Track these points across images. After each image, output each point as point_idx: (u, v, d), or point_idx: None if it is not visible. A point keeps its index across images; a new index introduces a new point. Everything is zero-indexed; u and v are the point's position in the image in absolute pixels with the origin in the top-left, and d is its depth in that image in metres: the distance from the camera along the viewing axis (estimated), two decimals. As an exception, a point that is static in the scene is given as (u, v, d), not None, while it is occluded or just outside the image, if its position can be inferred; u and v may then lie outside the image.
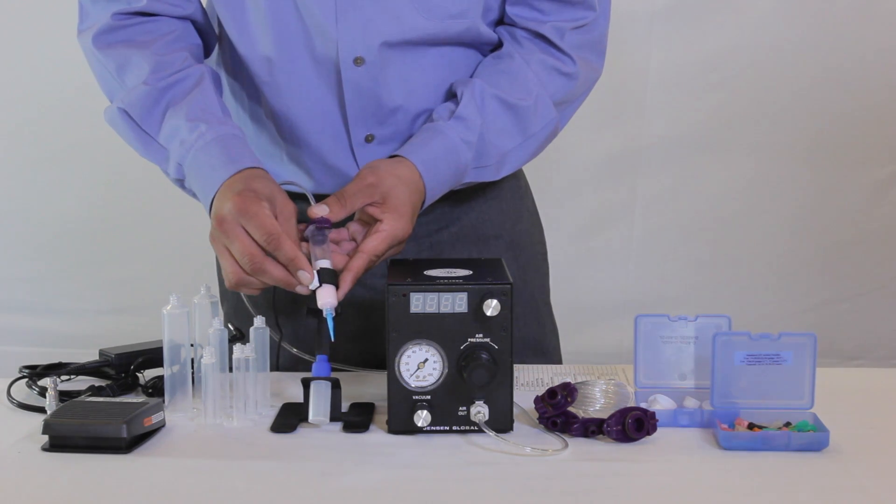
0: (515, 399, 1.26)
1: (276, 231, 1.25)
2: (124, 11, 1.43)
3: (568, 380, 1.29)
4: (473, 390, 1.23)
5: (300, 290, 1.26)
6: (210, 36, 1.52)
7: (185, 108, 1.38)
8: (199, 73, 1.42)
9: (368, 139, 1.48)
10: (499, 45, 1.51)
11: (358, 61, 1.42)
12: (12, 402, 1.36)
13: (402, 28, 1.42)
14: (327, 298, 1.27)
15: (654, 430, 1.23)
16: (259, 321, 1.33)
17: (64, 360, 1.45)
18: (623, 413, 1.22)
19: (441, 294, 1.22)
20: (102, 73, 1.46)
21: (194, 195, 1.39)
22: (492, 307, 1.21)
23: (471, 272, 1.27)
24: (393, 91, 1.45)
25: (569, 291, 2.25)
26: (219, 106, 1.40)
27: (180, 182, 1.40)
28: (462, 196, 1.53)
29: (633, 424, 1.21)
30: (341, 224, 1.34)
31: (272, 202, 1.29)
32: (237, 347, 1.29)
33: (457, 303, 1.22)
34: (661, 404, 1.30)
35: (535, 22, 1.48)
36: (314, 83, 1.45)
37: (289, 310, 1.52)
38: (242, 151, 1.36)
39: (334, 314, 1.27)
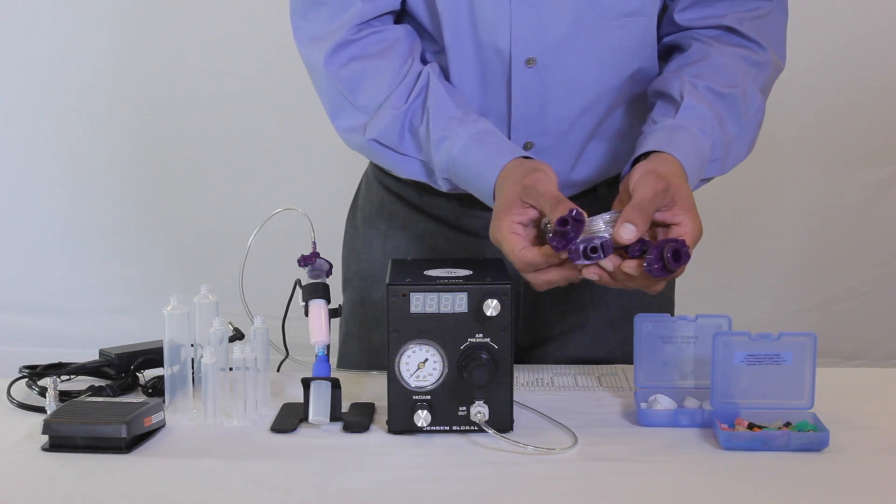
0: (515, 399, 1.26)
1: (513, 254, 1.24)
2: (357, 22, 1.41)
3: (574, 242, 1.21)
4: (473, 390, 1.23)
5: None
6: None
7: (429, 124, 1.38)
8: (427, 79, 1.41)
9: (527, 146, 1.47)
10: (672, 52, 1.50)
11: (530, 62, 1.42)
12: (12, 402, 1.36)
13: (577, 28, 1.41)
14: (319, 336, 1.30)
15: (689, 257, 1.21)
16: (259, 321, 1.33)
17: (64, 360, 1.45)
18: (658, 248, 1.20)
19: (441, 294, 1.22)
20: (329, 90, 1.44)
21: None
22: (492, 307, 1.21)
23: (471, 272, 1.27)
24: (560, 96, 1.44)
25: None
26: (453, 105, 1.39)
27: (453, 190, 1.42)
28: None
29: (671, 257, 1.20)
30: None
31: (524, 193, 1.26)
32: (237, 347, 1.30)
33: (457, 303, 1.22)
34: (661, 404, 1.30)
35: (714, 18, 1.46)
36: (480, 87, 1.45)
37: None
38: (495, 144, 1.36)
39: (327, 349, 1.31)
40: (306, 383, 1.28)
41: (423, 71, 1.42)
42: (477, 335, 1.23)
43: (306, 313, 1.33)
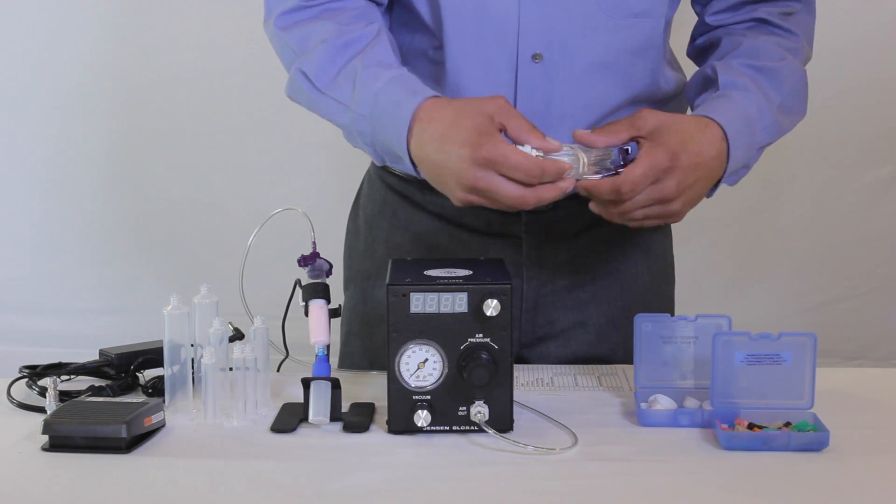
0: (515, 399, 1.26)
1: (533, 162, 1.23)
2: None
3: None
4: (473, 390, 1.23)
5: (570, 188, 1.27)
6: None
7: (360, 60, 1.37)
8: (376, 31, 1.41)
9: None
10: (707, 51, 1.53)
11: (536, 57, 1.42)
12: (12, 402, 1.36)
13: (584, 26, 1.42)
14: (319, 336, 1.30)
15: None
16: (259, 321, 1.33)
17: (64, 360, 1.45)
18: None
19: (441, 294, 1.22)
20: (284, 51, 1.44)
21: (374, 149, 1.39)
22: (492, 307, 1.21)
23: (471, 272, 1.27)
24: (564, 94, 1.45)
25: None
26: (393, 57, 1.39)
27: (362, 135, 1.38)
28: None
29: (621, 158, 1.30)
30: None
31: (498, 113, 1.27)
32: (237, 347, 1.30)
33: (457, 303, 1.22)
34: (661, 404, 1.30)
35: (746, 14, 1.49)
36: (484, 82, 1.45)
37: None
38: (423, 86, 1.35)
39: (327, 349, 1.31)
40: (306, 383, 1.28)
41: (373, 26, 1.42)
42: (477, 335, 1.23)
43: (306, 313, 1.33)
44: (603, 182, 1.26)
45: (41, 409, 1.31)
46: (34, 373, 1.41)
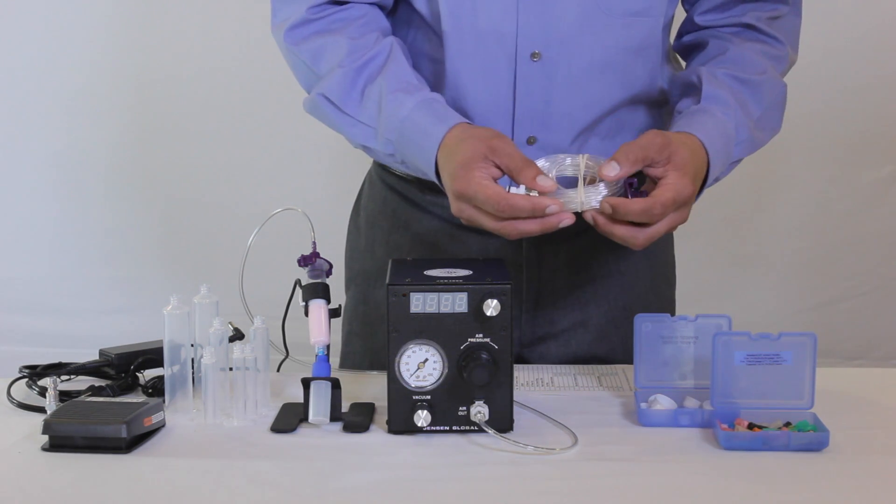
0: (515, 399, 1.26)
1: (500, 197, 1.24)
2: (318, 3, 1.45)
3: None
4: (473, 390, 1.23)
5: (565, 223, 1.26)
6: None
7: (382, 83, 1.39)
8: (389, 47, 1.43)
9: (530, 141, 1.48)
10: (692, 50, 1.54)
11: (535, 56, 1.43)
12: (12, 402, 1.36)
13: (582, 24, 1.43)
14: (319, 336, 1.30)
15: (636, 192, 1.28)
16: (259, 321, 1.33)
17: (64, 360, 1.45)
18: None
19: (441, 294, 1.22)
20: (297, 65, 1.47)
21: (405, 166, 1.43)
22: (492, 307, 1.21)
23: (471, 272, 1.27)
24: (563, 93, 1.45)
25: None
26: (413, 75, 1.42)
27: (391, 157, 1.42)
28: None
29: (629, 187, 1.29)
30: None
31: (491, 152, 1.28)
32: (237, 347, 1.30)
33: (457, 303, 1.22)
34: (661, 404, 1.30)
35: (733, 18, 1.51)
36: (483, 80, 1.46)
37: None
38: (446, 110, 1.38)
39: (327, 349, 1.31)
40: (306, 383, 1.28)
41: (386, 40, 1.44)
42: (477, 335, 1.23)
43: (306, 313, 1.33)
44: (634, 202, 1.26)
45: (41, 409, 1.31)
46: (34, 373, 1.41)
